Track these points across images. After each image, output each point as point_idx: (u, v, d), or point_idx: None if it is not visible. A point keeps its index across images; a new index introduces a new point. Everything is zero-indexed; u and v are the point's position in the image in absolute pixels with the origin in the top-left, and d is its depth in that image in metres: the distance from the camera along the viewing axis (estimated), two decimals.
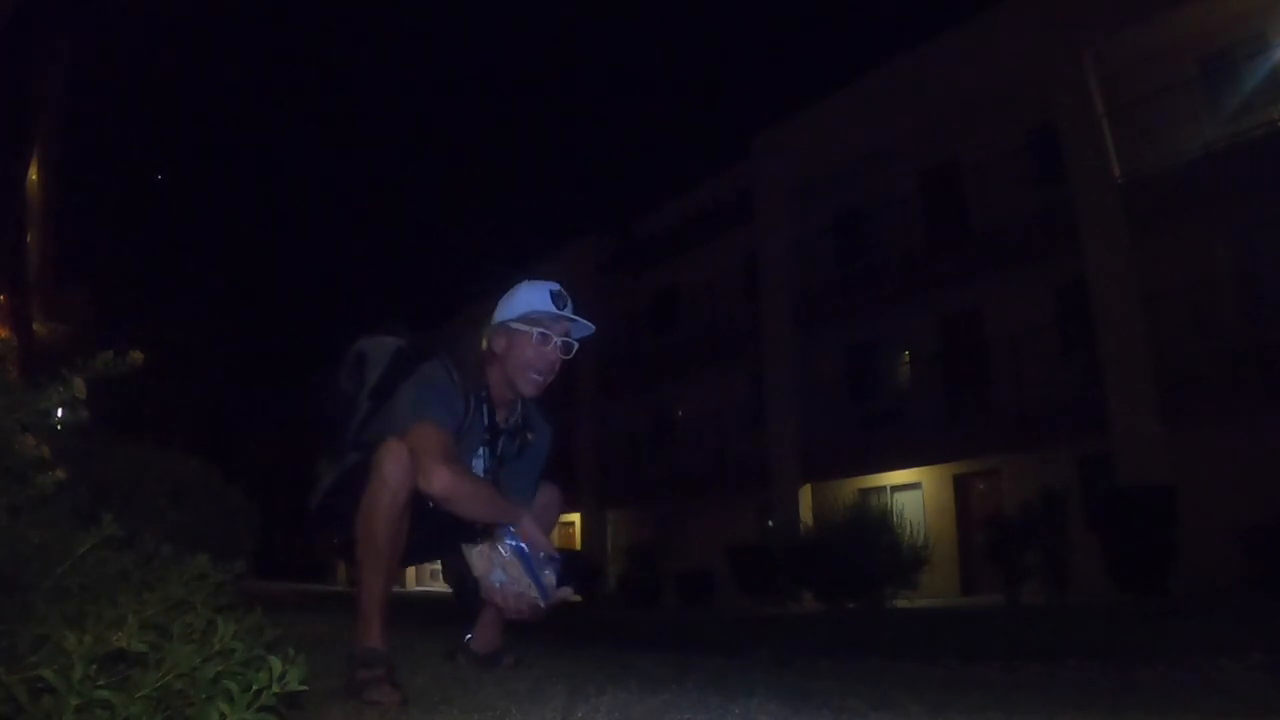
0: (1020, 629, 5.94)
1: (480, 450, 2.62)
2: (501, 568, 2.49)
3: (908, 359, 19.09)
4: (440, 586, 29.87)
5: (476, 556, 2.51)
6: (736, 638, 6.36)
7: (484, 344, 2.67)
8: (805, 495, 19.83)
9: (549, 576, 2.50)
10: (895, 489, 18.72)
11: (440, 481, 2.35)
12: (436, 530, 2.61)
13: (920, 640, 5.38)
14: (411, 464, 2.36)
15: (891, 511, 12.97)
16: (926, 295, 17.92)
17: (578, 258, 26.64)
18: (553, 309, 2.60)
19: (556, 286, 2.65)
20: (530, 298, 2.62)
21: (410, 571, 35.07)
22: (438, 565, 2.78)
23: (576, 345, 2.65)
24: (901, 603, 11.59)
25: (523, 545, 2.50)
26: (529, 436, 2.75)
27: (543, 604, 2.49)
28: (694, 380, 23.65)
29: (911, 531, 12.26)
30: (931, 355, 18.08)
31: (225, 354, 30.42)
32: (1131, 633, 5.24)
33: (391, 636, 2.37)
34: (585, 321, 2.64)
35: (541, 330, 2.60)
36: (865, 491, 18.52)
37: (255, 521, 6.21)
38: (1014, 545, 11.73)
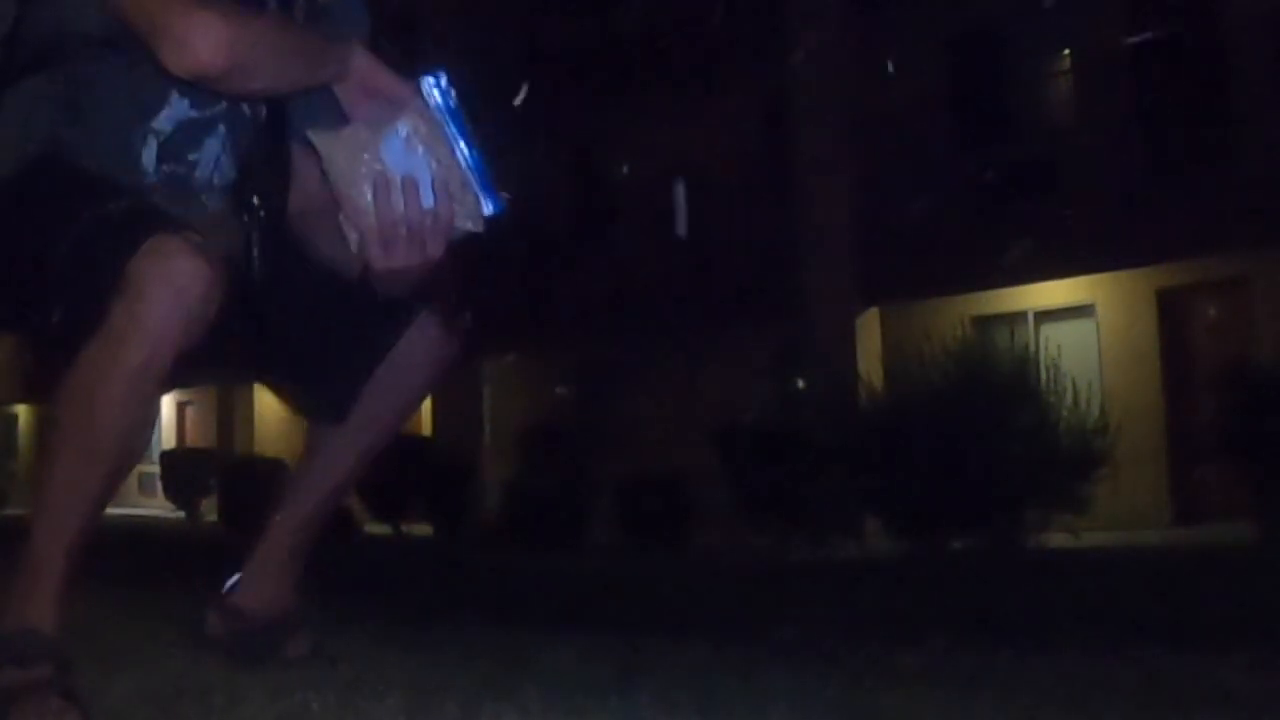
0: None
1: None
2: (419, 142, 2.52)
3: (1068, 63, 18.95)
4: (159, 507, 30.37)
5: (342, 143, 2.54)
6: (735, 607, 6.49)
7: None
8: (869, 329, 20.05)
9: None
10: (1043, 316, 18.97)
11: (210, 37, 2.34)
12: None
13: (1107, 608, 5.52)
14: (198, 275, 2.32)
15: (1037, 360, 13.15)
16: None
17: None
18: None
19: None
20: None
21: None
22: (152, 469, 2.78)
23: None
24: (1058, 538, 11.96)
25: (458, 106, 2.55)
26: None
27: (488, 210, 2.56)
28: (653, 103, 23.41)
29: (1076, 399, 12.49)
30: (1115, 56, 17.97)
31: None
32: None
33: (77, 606, 2.38)
34: None
35: None
36: (985, 322, 18.78)
37: None
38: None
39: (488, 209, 2.55)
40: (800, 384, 18.57)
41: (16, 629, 2.34)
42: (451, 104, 2.55)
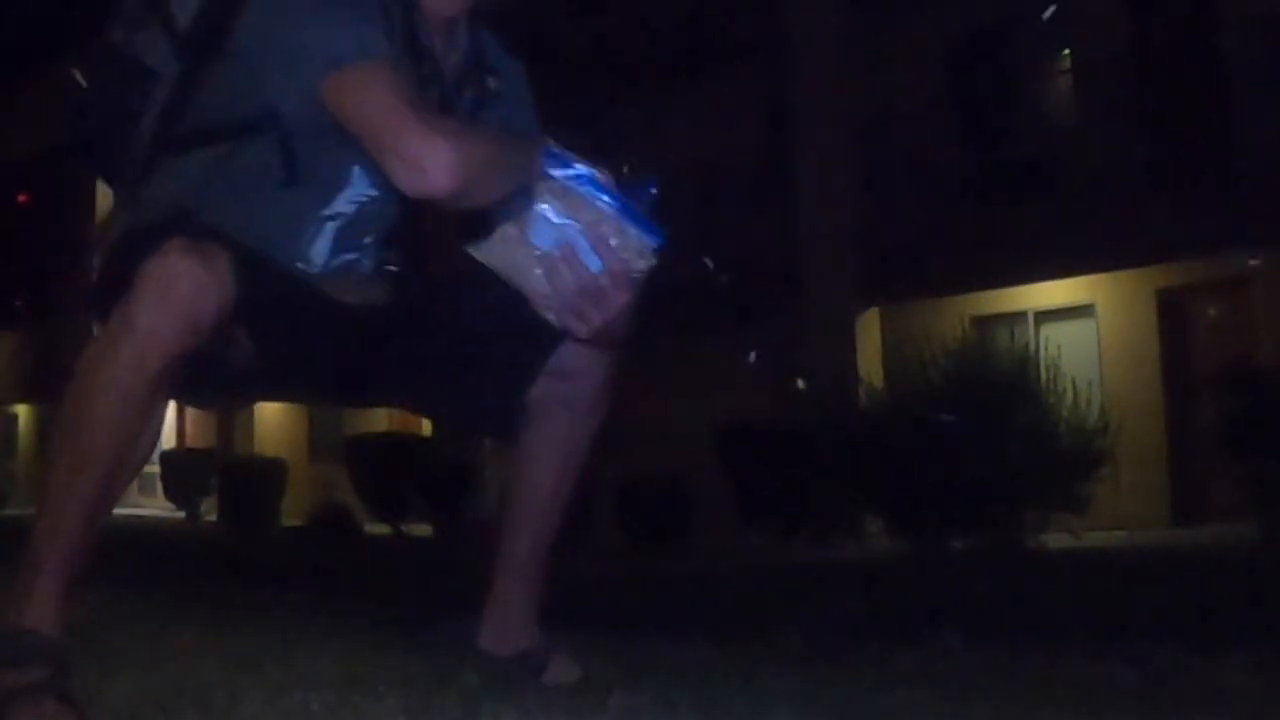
0: None
1: None
2: (561, 214, 2.64)
3: (1068, 63, 18.95)
4: (159, 507, 30.33)
5: (499, 247, 2.66)
6: (735, 607, 6.49)
7: None
8: (870, 329, 20.04)
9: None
10: (1043, 316, 18.97)
11: (444, 162, 2.45)
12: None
13: (1107, 608, 5.52)
14: (187, 275, 2.36)
15: (1037, 360, 13.16)
16: None
17: None
18: None
19: None
20: None
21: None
22: (152, 470, 2.80)
23: None
24: (1058, 538, 11.96)
25: (580, 167, 2.71)
26: (490, 83, 2.94)
27: (654, 246, 2.68)
28: (653, 102, 23.38)
29: (1076, 399, 12.50)
30: (1114, 54, 18.01)
31: None
32: None
33: (77, 605, 2.37)
34: None
35: None
36: (985, 321, 18.79)
37: None
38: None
39: (651, 243, 2.67)
40: (800, 384, 18.58)
41: (12, 629, 2.34)
42: (573, 168, 2.69)
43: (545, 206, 2.64)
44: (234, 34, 2.66)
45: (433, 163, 2.43)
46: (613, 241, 2.64)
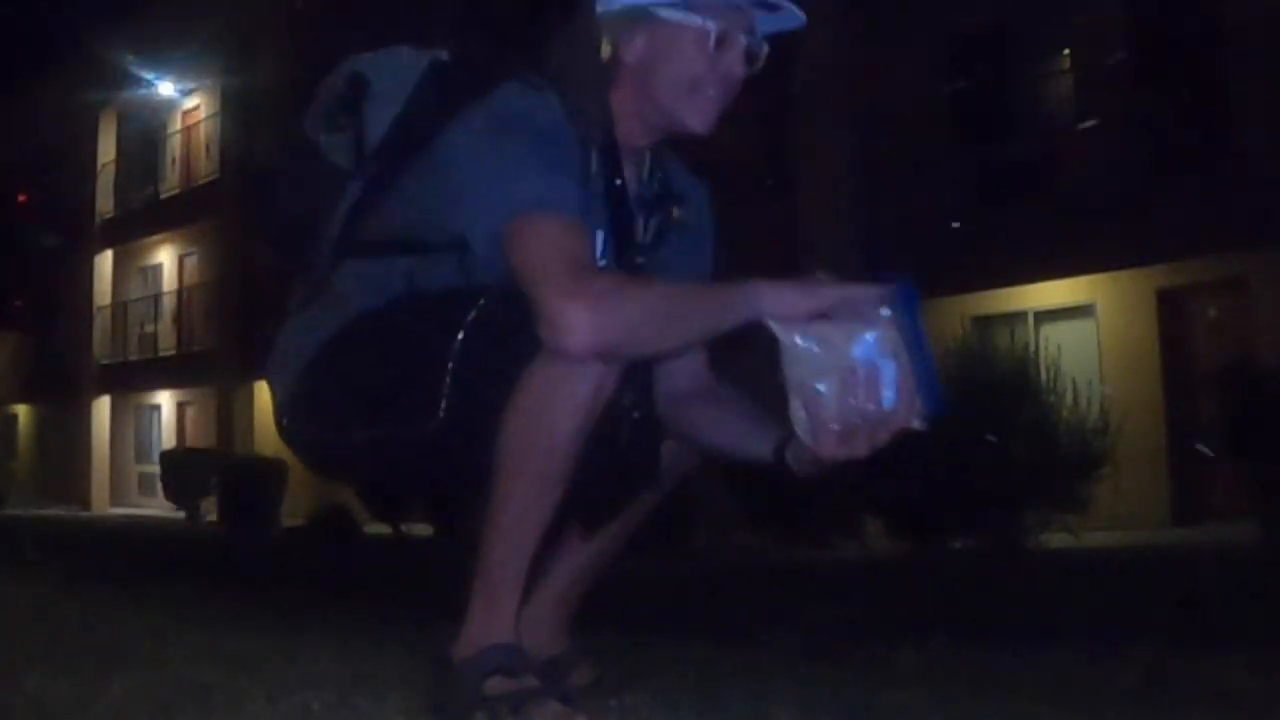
0: None
1: (595, 239, 2.79)
2: (888, 346, 2.64)
3: (1067, 63, 18.94)
4: (159, 507, 30.35)
5: (811, 342, 2.68)
6: (735, 607, 6.50)
7: (603, 47, 2.83)
8: None
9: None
10: (1043, 316, 18.98)
11: (579, 328, 2.45)
12: None
13: (1107, 608, 5.52)
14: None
15: (1037, 360, 13.17)
16: None
17: None
18: None
19: None
20: None
21: (100, 483, 35.37)
22: (152, 470, 2.79)
23: (766, 50, 2.96)
24: (1058, 538, 11.95)
25: (918, 314, 2.66)
26: (675, 212, 3.00)
27: (928, 414, 2.67)
28: None
29: (1076, 399, 12.50)
30: (1115, 56, 18.01)
31: None
32: None
33: (77, 606, 2.37)
34: (789, 5, 2.86)
35: (718, 24, 2.82)
36: (984, 322, 18.79)
37: None
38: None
39: (929, 410, 2.66)
40: None
41: (493, 644, 2.52)
42: (914, 310, 2.67)
43: (873, 336, 2.63)
44: (433, 150, 2.68)
45: (568, 327, 2.43)
46: (907, 392, 2.63)
